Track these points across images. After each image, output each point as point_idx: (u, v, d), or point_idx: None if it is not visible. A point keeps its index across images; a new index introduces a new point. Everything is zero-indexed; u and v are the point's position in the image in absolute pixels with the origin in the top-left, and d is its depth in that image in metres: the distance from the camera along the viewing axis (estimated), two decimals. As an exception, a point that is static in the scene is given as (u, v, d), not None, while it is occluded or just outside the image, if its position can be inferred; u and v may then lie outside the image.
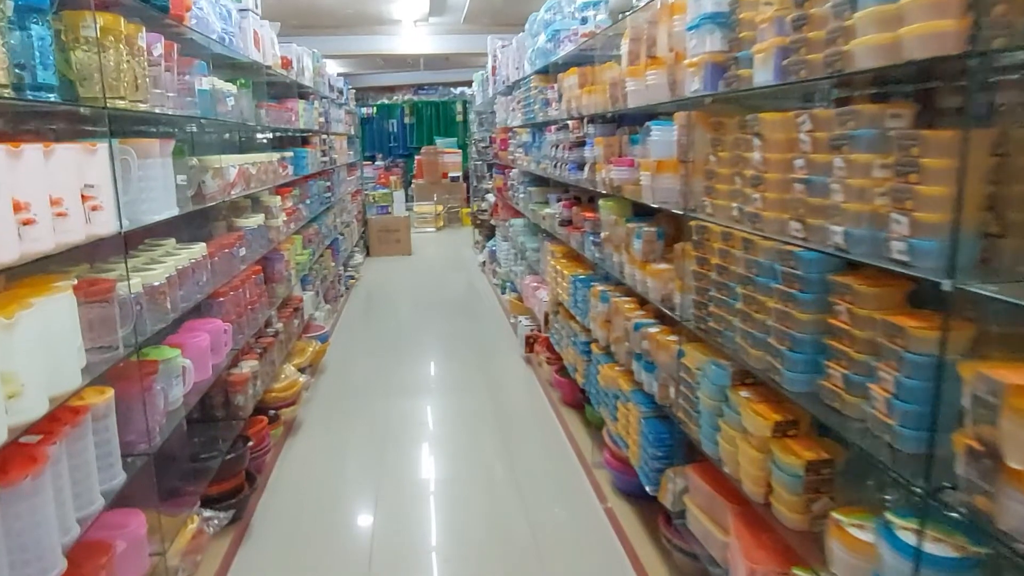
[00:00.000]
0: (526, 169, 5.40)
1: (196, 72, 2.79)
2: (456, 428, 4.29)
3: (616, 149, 3.14)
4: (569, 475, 3.60)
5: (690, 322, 2.23)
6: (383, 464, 3.81)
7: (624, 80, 2.79)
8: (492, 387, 4.93)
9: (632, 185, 2.77)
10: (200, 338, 2.83)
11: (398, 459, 3.87)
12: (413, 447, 4.06)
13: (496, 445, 4.00)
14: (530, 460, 3.81)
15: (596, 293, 3.29)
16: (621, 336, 2.91)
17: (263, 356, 3.82)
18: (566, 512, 3.26)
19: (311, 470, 3.77)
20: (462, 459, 3.89)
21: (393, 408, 4.61)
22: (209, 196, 3.14)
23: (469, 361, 5.52)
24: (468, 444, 4.05)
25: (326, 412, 4.55)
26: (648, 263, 2.63)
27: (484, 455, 3.90)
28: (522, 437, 4.11)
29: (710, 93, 1.97)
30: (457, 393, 4.91)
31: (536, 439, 4.08)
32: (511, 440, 4.06)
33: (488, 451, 3.95)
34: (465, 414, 4.50)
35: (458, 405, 4.67)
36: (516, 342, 5.83)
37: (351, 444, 4.10)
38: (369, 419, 4.44)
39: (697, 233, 2.13)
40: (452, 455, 3.95)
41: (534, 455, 3.87)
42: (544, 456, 3.86)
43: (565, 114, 3.84)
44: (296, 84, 5.24)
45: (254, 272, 3.82)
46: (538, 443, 4.03)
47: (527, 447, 3.98)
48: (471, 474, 3.70)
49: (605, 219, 3.22)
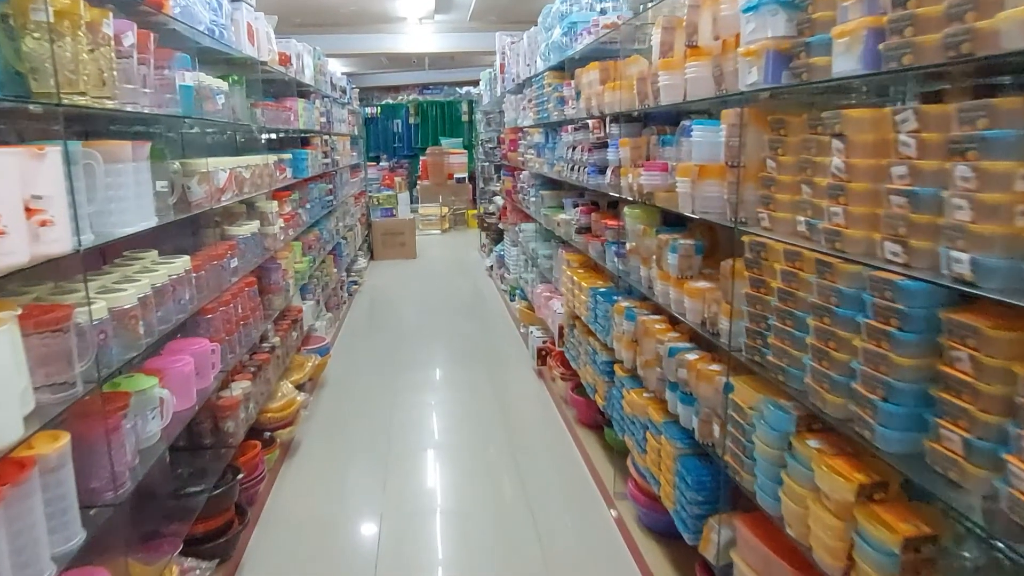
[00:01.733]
0: (538, 171, 5.10)
1: (178, 66, 2.50)
2: (464, 448, 4.00)
3: (643, 151, 2.84)
4: (586, 503, 3.31)
5: (740, 352, 1.93)
6: (386, 489, 3.52)
7: (656, 74, 2.49)
8: (502, 402, 4.63)
9: (665, 192, 2.47)
10: (183, 362, 2.54)
11: (402, 483, 3.58)
12: (418, 469, 3.77)
13: (507, 467, 3.71)
14: (544, 485, 3.51)
15: (620, 310, 2.99)
16: (652, 360, 2.61)
17: (257, 375, 3.52)
18: (583, 545, 2.97)
19: (309, 498, 3.48)
20: (470, 483, 3.60)
21: (397, 425, 4.32)
22: (195, 203, 2.85)
23: (477, 374, 5.22)
24: (477, 466, 3.75)
25: (326, 430, 4.26)
26: (685, 280, 2.32)
27: (494, 479, 3.61)
28: (534, 458, 3.81)
29: (774, 87, 1.66)
30: (465, 409, 4.61)
31: (549, 461, 3.78)
32: (523, 461, 3.76)
33: (499, 474, 3.65)
34: (473, 432, 4.20)
35: (466, 422, 4.37)
36: (526, 353, 5.54)
37: (353, 466, 3.81)
38: (371, 437, 4.14)
39: (752, 250, 1.82)
40: (460, 477, 3.66)
41: (548, 479, 3.58)
42: (559, 480, 3.56)
43: (584, 113, 3.54)
44: (295, 82, 4.95)
45: (247, 284, 3.53)
46: (552, 465, 3.73)
47: (540, 470, 3.68)
48: (480, 501, 3.41)
49: (631, 228, 2.91)
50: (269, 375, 3.78)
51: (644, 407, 2.67)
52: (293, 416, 3.93)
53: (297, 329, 4.62)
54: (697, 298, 2.21)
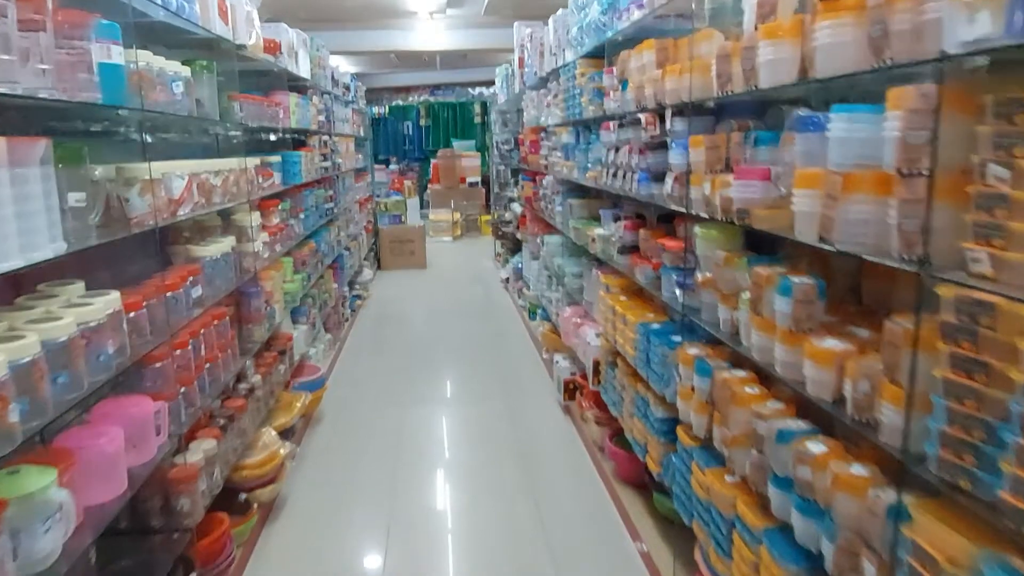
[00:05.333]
0: (566, 177, 4.41)
1: (99, 37, 1.83)
2: (482, 510, 3.31)
3: (722, 152, 2.15)
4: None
5: (923, 465, 1.23)
6: (387, 558, 2.85)
7: (753, 47, 1.80)
8: (524, 447, 3.94)
9: (767, 210, 1.78)
10: (104, 440, 1.87)
11: (408, 555, 2.89)
12: (427, 534, 3.08)
13: (533, 533, 3.03)
14: (577, 557, 2.84)
15: (687, 359, 2.29)
16: (743, 438, 1.92)
17: (228, 429, 2.86)
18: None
19: (295, 572, 2.82)
20: (489, 548, 2.93)
21: (403, 476, 3.64)
22: (137, 219, 2.19)
23: (495, 408, 4.53)
24: (498, 536, 3.06)
25: (319, 481, 3.59)
26: (803, 335, 1.63)
27: (519, 552, 2.92)
28: (567, 524, 3.13)
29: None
30: (481, 453, 3.93)
31: (584, 527, 3.10)
32: (552, 527, 3.08)
33: (523, 544, 2.97)
34: (493, 488, 3.52)
35: (484, 475, 3.68)
36: (550, 384, 4.85)
37: (349, 529, 3.14)
38: (372, 492, 3.47)
39: (960, 311, 1.13)
40: (478, 550, 2.97)
41: (584, 551, 2.90)
42: (595, 551, 2.89)
43: (632, 106, 2.86)
44: (286, 73, 4.30)
45: (216, 316, 2.86)
46: (587, 533, 3.05)
47: (573, 538, 3.01)
48: (501, 568, 2.74)
49: (704, 254, 2.23)
50: (245, 425, 3.12)
51: (730, 499, 1.98)
52: (276, 472, 3.26)
53: (286, 361, 3.95)
54: (829, 366, 1.52)
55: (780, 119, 2.24)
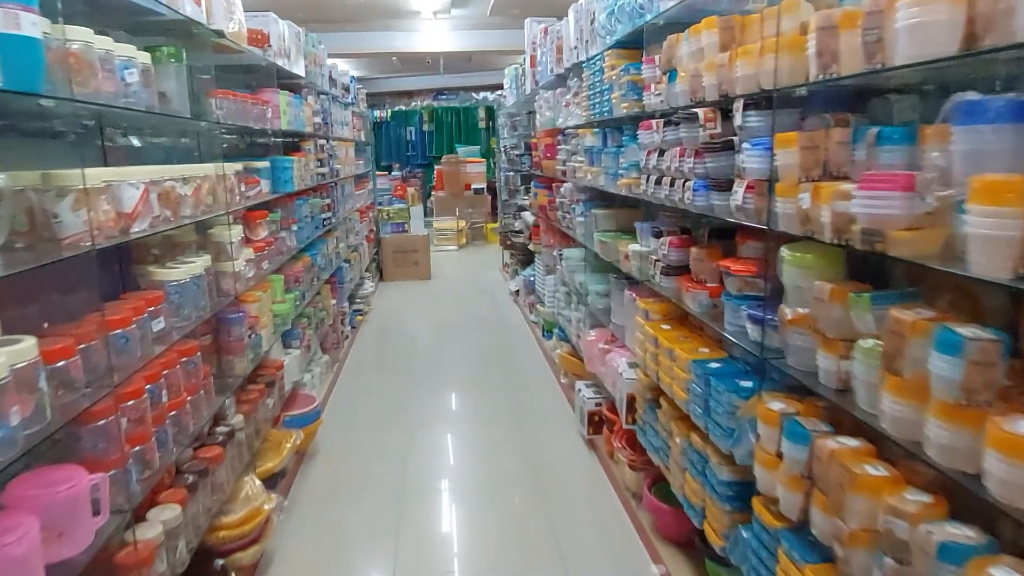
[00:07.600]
0: (590, 184, 3.94)
1: (6, 1, 1.36)
2: (499, 555, 2.81)
3: (821, 154, 1.67)
4: None
5: None
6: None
7: (891, 8, 1.32)
8: (544, 488, 3.44)
9: (913, 231, 1.30)
10: (9, 538, 1.38)
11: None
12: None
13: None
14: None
15: (769, 416, 1.81)
16: (865, 537, 1.43)
17: (198, 486, 2.37)
18: None
19: None
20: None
21: (407, 521, 3.14)
22: (70, 240, 1.71)
23: (509, 440, 4.04)
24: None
25: (311, 531, 3.09)
26: (978, 409, 1.14)
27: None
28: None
29: None
30: (497, 494, 3.43)
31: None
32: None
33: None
34: (509, 529, 3.03)
35: (499, 513, 3.20)
36: (569, 410, 4.36)
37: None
38: (372, 540, 2.98)
39: None
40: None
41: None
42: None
43: (684, 99, 2.38)
44: (275, 68, 3.83)
45: (184, 353, 2.38)
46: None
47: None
48: None
49: (796, 284, 1.74)
50: (222, 478, 2.63)
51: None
52: (259, 530, 2.77)
53: (274, 393, 3.47)
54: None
55: (888, 112, 1.77)
